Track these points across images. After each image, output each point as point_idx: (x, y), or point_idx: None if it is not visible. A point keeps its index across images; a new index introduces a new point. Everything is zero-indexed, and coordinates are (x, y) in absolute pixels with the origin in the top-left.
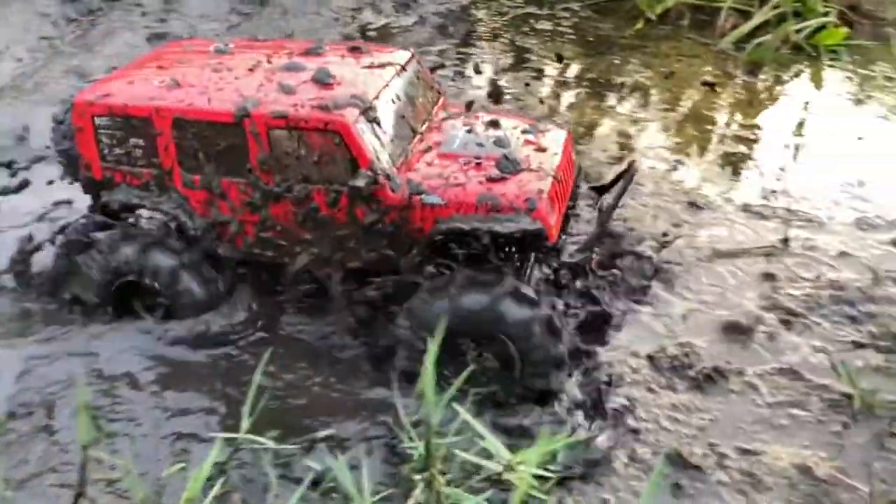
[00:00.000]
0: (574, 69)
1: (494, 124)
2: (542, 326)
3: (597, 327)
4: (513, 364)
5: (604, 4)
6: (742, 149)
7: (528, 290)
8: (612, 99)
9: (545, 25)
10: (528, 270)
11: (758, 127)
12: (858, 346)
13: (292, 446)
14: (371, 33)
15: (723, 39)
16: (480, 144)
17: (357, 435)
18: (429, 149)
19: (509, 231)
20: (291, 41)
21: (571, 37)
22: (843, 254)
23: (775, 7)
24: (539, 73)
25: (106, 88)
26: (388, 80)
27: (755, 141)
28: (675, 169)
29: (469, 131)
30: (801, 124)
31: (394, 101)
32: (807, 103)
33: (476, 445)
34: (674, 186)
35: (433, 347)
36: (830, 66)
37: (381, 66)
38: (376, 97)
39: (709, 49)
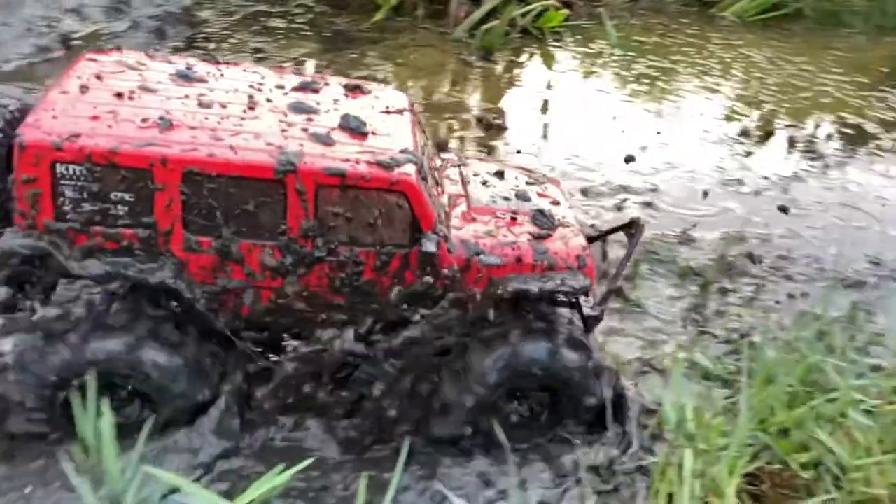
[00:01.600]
0: (312, 66)
1: (500, 175)
2: (592, 370)
3: None
4: (560, 408)
5: None
6: (492, 133)
7: (583, 338)
8: None
9: (278, 23)
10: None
11: (501, 111)
12: None
13: None
14: (76, 43)
15: (457, 28)
16: (506, 198)
17: None
18: (455, 203)
19: (572, 290)
20: (265, 67)
21: (307, 33)
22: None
23: None
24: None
25: (66, 127)
26: (413, 128)
27: (502, 126)
28: None
29: (485, 183)
30: (545, 104)
31: (423, 153)
32: (550, 83)
33: None
34: None
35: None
36: (557, 46)
37: (399, 111)
38: (420, 151)
39: (445, 38)
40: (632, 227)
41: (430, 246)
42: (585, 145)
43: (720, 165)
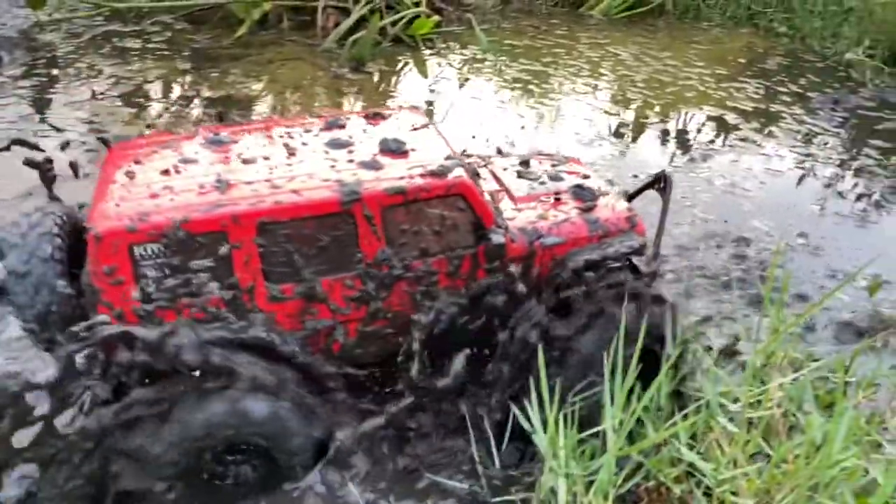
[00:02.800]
0: (177, 89)
1: (525, 164)
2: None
3: None
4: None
5: (198, 14)
6: None
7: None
8: (198, 112)
9: (133, 44)
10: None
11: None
12: None
13: None
14: None
15: (326, 39)
16: (542, 183)
17: None
18: (498, 199)
19: (632, 250)
20: (285, 119)
21: (165, 53)
22: None
23: (369, 2)
24: (146, 98)
25: (132, 210)
26: (443, 139)
27: None
28: None
29: (518, 175)
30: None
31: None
32: (432, 88)
33: None
34: None
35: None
36: (430, 54)
37: (424, 126)
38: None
39: (313, 50)
40: (660, 182)
41: (498, 238)
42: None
43: (594, 166)
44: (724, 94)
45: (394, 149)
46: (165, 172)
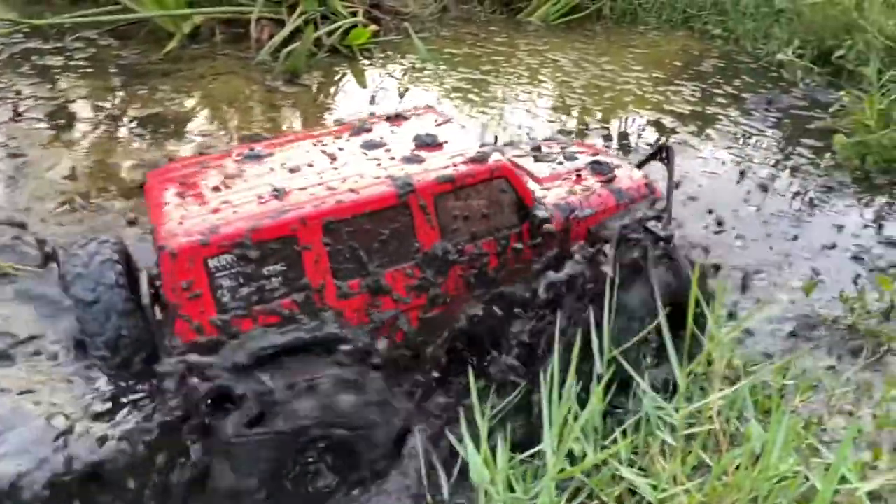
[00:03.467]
0: (88, 109)
1: (538, 149)
2: None
3: None
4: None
5: (124, 29)
6: None
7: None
8: (125, 132)
9: (54, 61)
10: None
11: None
12: None
13: None
14: None
15: (260, 52)
16: (560, 163)
17: None
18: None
19: (658, 214)
20: (318, 129)
21: (88, 70)
22: None
23: (304, 13)
24: (70, 118)
25: (200, 226)
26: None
27: None
28: None
29: (535, 159)
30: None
31: None
32: (374, 98)
33: None
34: None
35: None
36: (368, 64)
37: (447, 121)
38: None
39: (247, 64)
40: (662, 152)
41: (542, 213)
42: None
43: None
44: (661, 98)
45: (428, 143)
46: (216, 189)
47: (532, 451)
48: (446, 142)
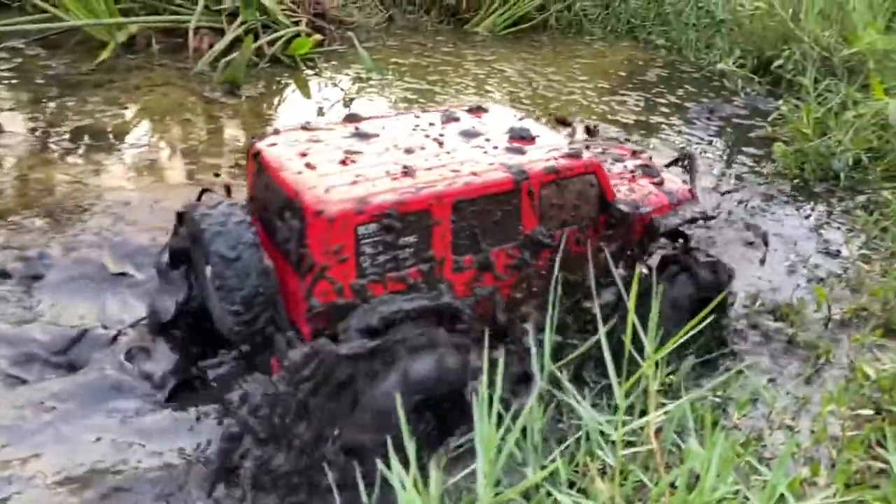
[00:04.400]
0: (14, 122)
1: (586, 148)
2: None
3: None
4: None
5: (53, 38)
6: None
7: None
8: (63, 148)
9: None
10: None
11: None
12: None
13: None
14: None
15: (199, 62)
16: (612, 165)
17: None
18: None
19: (703, 215)
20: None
21: (14, 82)
22: None
23: (244, 23)
24: None
25: (349, 194)
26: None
27: None
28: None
29: None
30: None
31: None
32: (321, 110)
33: None
34: None
35: None
36: (312, 75)
37: (525, 116)
38: None
39: (185, 74)
40: (685, 160)
41: (626, 209)
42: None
43: None
44: (606, 108)
45: (522, 135)
46: (343, 163)
47: (466, 471)
48: (537, 136)
